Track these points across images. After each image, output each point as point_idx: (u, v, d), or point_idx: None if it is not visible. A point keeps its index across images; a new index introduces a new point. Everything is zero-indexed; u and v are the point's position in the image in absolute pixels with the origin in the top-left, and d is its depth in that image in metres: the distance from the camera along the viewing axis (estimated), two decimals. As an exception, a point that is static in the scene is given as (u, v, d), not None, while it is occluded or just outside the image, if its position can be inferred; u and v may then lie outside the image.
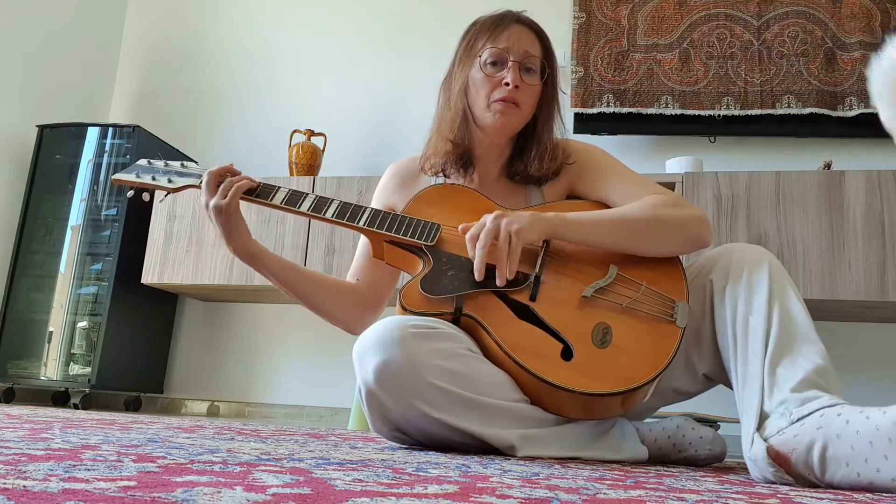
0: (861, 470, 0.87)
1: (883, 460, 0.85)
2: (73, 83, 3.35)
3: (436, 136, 1.38)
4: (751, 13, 2.79)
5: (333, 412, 2.93)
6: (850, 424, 0.89)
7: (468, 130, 1.35)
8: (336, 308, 1.39)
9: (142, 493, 0.48)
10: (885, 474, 0.85)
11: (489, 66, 1.32)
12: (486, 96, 1.31)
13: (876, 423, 0.87)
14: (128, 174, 1.37)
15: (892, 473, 0.85)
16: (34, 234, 2.91)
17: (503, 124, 1.32)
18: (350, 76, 3.28)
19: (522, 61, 1.32)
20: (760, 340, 1.06)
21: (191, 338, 3.20)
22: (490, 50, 1.32)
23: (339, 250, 2.70)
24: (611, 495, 0.65)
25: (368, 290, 1.42)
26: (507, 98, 1.29)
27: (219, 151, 3.33)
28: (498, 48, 1.31)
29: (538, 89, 1.34)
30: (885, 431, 0.86)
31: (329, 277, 1.41)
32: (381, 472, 0.73)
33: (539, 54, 1.34)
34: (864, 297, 2.21)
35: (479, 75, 1.32)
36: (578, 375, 1.11)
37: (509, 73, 1.29)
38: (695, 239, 1.25)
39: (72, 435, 1.04)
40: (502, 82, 1.30)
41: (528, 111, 1.34)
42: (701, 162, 2.56)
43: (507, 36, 1.32)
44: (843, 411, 0.92)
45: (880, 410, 0.88)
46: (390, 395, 1.07)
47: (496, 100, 1.30)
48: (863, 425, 0.88)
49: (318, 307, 1.38)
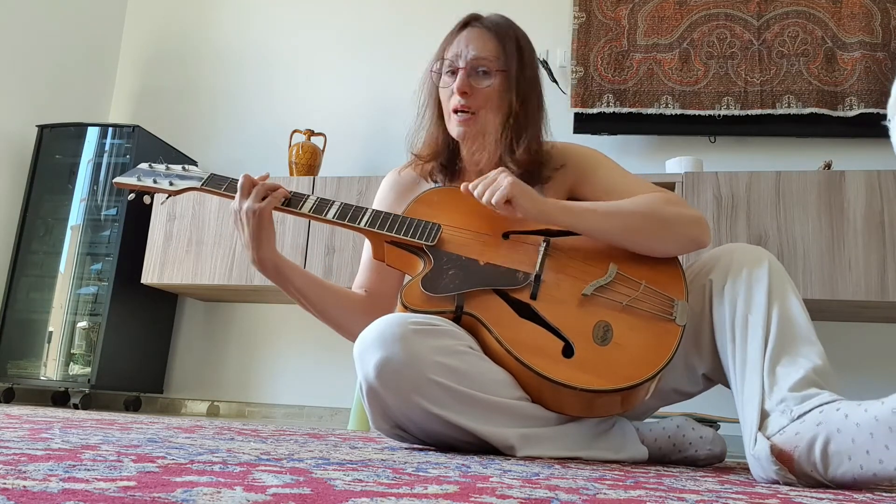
0: (864, 462, 0.87)
1: (885, 450, 0.85)
2: (73, 83, 3.35)
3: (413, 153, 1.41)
4: (751, 13, 2.79)
5: (333, 412, 2.93)
6: (849, 418, 0.89)
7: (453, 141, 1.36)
8: (352, 321, 1.36)
9: (142, 494, 0.48)
10: (888, 464, 0.85)
11: (446, 77, 1.34)
12: (447, 108, 1.34)
13: (875, 413, 0.87)
14: (129, 177, 1.38)
15: (894, 463, 0.84)
16: (34, 234, 2.91)
17: (464, 134, 1.32)
18: (350, 76, 3.28)
19: (472, 65, 1.31)
20: (760, 340, 1.06)
21: (191, 338, 3.19)
22: (442, 61, 1.34)
23: (339, 250, 2.70)
24: (611, 495, 0.65)
25: (377, 300, 1.41)
26: (457, 108, 1.31)
27: (219, 151, 3.33)
28: (448, 58, 1.33)
29: (493, 90, 1.32)
30: (885, 421, 0.86)
31: (343, 289, 1.40)
32: (381, 472, 0.73)
33: (490, 54, 1.32)
34: (864, 297, 2.21)
35: (441, 89, 1.35)
36: (579, 372, 1.11)
37: (456, 82, 1.30)
38: (692, 239, 1.24)
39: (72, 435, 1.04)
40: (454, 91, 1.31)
41: (488, 115, 1.32)
42: (701, 162, 2.56)
43: (458, 42, 1.33)
44: (842, 406, 0.92)
45: (878, 401, 0.88)
46: (391, 391, 1.07)
47: (452, 110, 1.32)
48: (862, 417, 0.88)
49: (336, 321, 1.37)
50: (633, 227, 1.22)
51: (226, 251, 2.80)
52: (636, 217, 1.23)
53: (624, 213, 1.23)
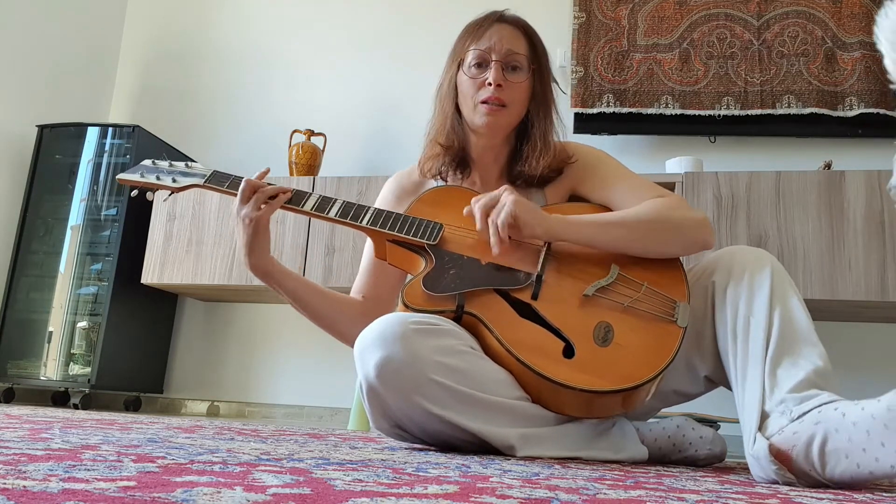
0: (860, 461, 0.87)
1: (880, 448, 0.85)
2: (73, 83, 3.35)
3: (430, 142, 1.40)
4: (751, 13, 2.79)
5: (333, 412, 2.93)
6: (846, 417, 0.89)
7: (463, 134, 1.37)
8: (348, 326, 1.37)
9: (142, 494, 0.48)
10: (883, 462, 0.85)
11: (473, 69, 1.33)
12: (473, 98, 1.32)
13: (871, 411, 0.87)
14: (132, 174, 1.38)
15: (890, 460, 0.84)
16: (34, 234, 2.91)
17: (490, 125, 1.32)
18: (350, 76, 3.28)
19: (505, 60, 1.32)
20: (761, 341, 1.06)
21: (191, 338, 3.19)
22: (472, 52, 1.33)
23: (339, 250, 2.70)
24: (611, 495, 0.65)
25: (374, 306, 1.41)
26: (490, 99, 1.30)
27: (219, 151, 3.33)
28: (480, 49, 1.32)
29: (525, 86, 1.34)
30: (881, 418, 0.86)
31: (339, 295, 1.41)
32: (381, 472, 0.73)
33: (524, 51, 1.34)
34: (864, 297, 2.21)
35: (465, 78, 1.34)
36: (580, 373, 1.11)
37: (492, 73, 1.30)
38: (697, 242, 1.25)
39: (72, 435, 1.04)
40: (486, 83, 1.31)
41: (517, 109, 1.34)
42: (701, 162, 2.56)
43: (489, 36, 1.33)
44: (840, 405, 0.92)
45: (875, 399, 0.88)
46: (391, 390, 1.07)
47: (481, 101, 1.31)
48: (859, 416, 0.88)
49: (330, 326, 1.38)
50: (638, 236, 1.23)
51: (226, 251, 2.80)
52: (641, 226, 1.23)
53: (628, 223, 1.23)
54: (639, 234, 1.23)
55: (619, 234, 1.22)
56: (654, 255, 1.24)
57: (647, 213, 1.24)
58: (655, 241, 1.23)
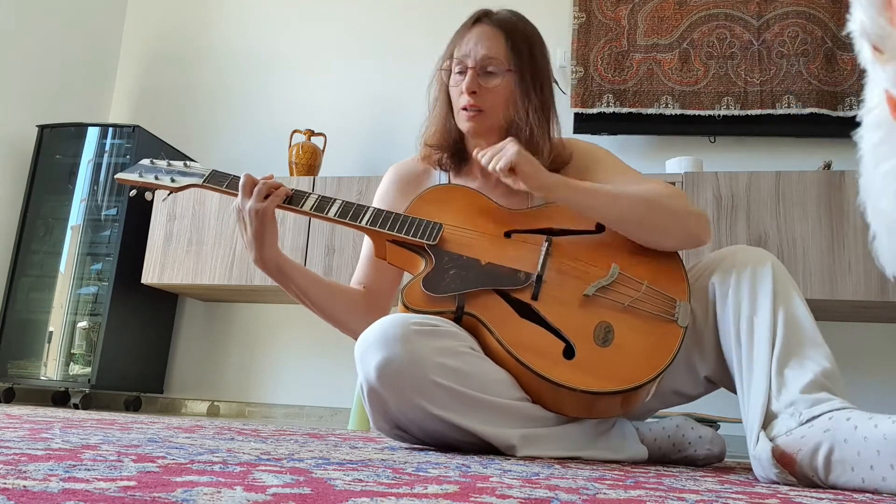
0: (866, 476, 0.87)
1: (889, 469, 0.85)
2: (73, 83, 3.35)
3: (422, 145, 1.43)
4: (751, 13, 2.79)
5: (333, 412, 2.93)
6: (858, 430, 0.89)
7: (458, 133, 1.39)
8: (351, 318, 1.38)
9: (142, 493, 0.48)
10: (890, 483, 0.85)
11: (456, 76, 1.36)
12: (456, 105, 1.36)
13: (884, 431, 0.87)
14: (131, 173, 1.38)
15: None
16: (34, 234, 2.91)
17: (472, 130, 1.35)
18: (350, 76, 3.28)
19: (480, 65, 1.33)
20: (766, 341, 1.06)
21: (191, 338, 3.19)
22: (451, 61, 1.36)
23: (339, 250, 2.70)
24: (611, 495, 0.65)
25: (376, 296, 1.42)
26: (466, 106, 1.33)
27: (219, 151, 3.33)
28: (458, 57, 1.35)
29: (501, 89, 1.33)
30: (893, 440, 0.86)
31: (343, 286, 1.41)
32: (381, 472, 0.73)
33: (500, 53, 1.33)
34: (864, 297, 2.21)
35: (450, 85, 1.37)
36: (580, 374, 1.11)
37: (465, 82, 1.32)
38: (692, 235, 1.24)
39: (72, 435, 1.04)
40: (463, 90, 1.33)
41: (497, 113, 1.34)
42: (701, 162, 2.56)
43: (468, 41, 1.34)
44: (853, 416, 0.92)
45: (889, 419, 0.88)
46: (392, 391, 1.07)
47: (461, 108, 1.34)
48: (871, 432, 0.88)
49: (336, 318, 1.38)
50: (633, 213, 1.22)
51: (226, 251, 2.80)
52: (638, 203, 1.22)
53: (626, 197, 1.22)
54: (635, 210, 1.22)
55: (614, 205, 1.22)
56: (647, 239, 1.23)
57: (648, 193, 1.23)
58: (650, 223, 1.22)
